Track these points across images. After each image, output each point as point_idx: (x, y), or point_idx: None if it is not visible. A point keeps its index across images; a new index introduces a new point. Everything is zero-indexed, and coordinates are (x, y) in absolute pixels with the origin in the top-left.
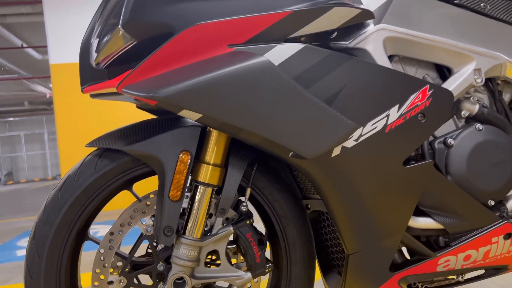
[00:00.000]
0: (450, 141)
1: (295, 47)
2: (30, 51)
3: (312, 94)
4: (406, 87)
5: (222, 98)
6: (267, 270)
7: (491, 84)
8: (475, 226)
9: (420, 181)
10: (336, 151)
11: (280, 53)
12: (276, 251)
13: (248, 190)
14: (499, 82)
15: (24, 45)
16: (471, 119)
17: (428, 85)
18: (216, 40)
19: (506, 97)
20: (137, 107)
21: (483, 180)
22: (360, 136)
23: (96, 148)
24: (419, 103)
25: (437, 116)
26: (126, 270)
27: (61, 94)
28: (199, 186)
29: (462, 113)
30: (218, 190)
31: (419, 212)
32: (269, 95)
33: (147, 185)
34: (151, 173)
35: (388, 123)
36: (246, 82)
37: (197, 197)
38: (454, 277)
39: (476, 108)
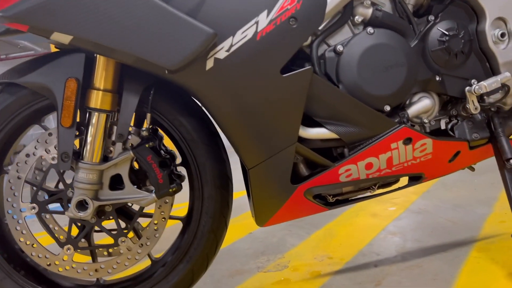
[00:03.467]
0: (339, 48)
1: None
2: None
3: (172, 6)
4: None
5: (77, 14)
6: (171, 190)
7: None
8: (372, 133)
9: (301, 89)
10: (210, 63)
11: None
12: (190, 174)
13: (148, 115)
14: None
15: None
16: (367, 25)
17: None
18: None
19: (411, 1)
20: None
21: (375, 86)
22: (231, 46)
23: None
24: (289, 7)
25: (310, 20)
26: (39, 199)
27: None
28: (93, 112)
29: (356, 18)
30: None
31: (314, 123)
32: (122, 9)
33: None
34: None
35: (258, 30)
36: None
37: (92, 123)
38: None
39: (369, 12)
